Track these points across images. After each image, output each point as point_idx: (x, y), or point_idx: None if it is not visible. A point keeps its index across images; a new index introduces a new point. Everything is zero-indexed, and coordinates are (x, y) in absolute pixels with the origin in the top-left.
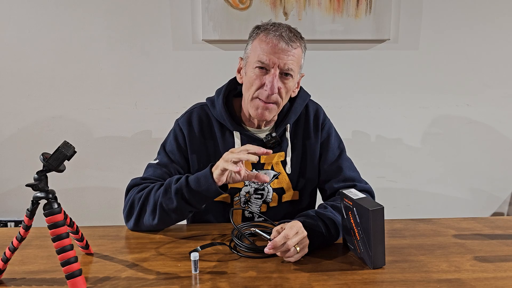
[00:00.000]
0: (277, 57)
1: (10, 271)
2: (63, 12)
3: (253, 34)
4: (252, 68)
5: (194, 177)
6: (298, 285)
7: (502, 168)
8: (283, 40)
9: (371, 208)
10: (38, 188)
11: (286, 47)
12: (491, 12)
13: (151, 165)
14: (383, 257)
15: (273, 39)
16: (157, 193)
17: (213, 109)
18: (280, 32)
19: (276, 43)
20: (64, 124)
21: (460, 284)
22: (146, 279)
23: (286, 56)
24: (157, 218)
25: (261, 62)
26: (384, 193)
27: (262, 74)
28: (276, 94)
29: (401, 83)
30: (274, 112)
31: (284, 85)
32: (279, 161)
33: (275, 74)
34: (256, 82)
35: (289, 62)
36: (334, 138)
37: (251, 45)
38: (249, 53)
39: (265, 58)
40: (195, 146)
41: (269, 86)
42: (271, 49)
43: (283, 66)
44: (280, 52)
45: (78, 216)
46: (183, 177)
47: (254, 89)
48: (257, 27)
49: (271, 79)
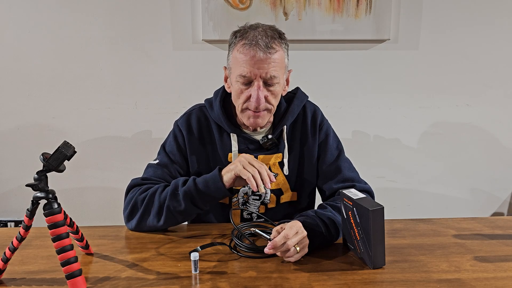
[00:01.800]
0: (257, 67)
1: (10, 271)
2: (63, 12)
3: (231, 43)
4: (235, 81)
5: (202, 179)
6: (298, 285)
7: (502, 168)
8: (260, 49)
9: (371, 208)
10: (38, 188)
11: (265, 56)
12: (491, 12)
13: (151, 166)
14: (383, 257)
15: (250, 51)
16: (162, 195)
17: (211, 111)
18: (256, 40)
19: (253, 54)
20: (64, 124)
21: (460, 284)
22: (146, 279)
23: (266, 65)
24: (162, 220)
25: (243, 76)
26: (384, 193)
27: (246, 87)
28: (264, 103)
29: (401, 83)
30: (267, 117)
31: (270, 92)
32: (276, 162)
33: (259, 85)
34: (242, 96)
35: (270, 70)
36: (333, 139)
37: (231, 55)
38: (230, 64)
39: (246, 71)
40: (194, 147)
41: (254, 99)
42: (250, 61)
43: (265, 76)
44: (260, 62)
45: (78, 216)
46: (190, 180)
47: (241, 101)
48: (234, 34)
49: (256, 92)
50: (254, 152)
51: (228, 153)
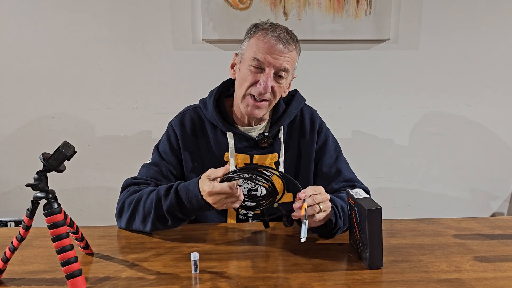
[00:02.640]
0: (273, 57)
1: (10, 271)
2: (63, 12)
3: (251, 32)
4: (247, 65)
5: (184, 195)
6: (298, 285)
7: (501, 168)
8: (281, 41)
9: (367, 208)
10: (38, 188)
11: (283, 48)
12: (491, 12)
13: (145, 165)
14: (380, 258)
15: (270, 40)
16: (147, 204)
17: (205, 111)
18: (278, 33)
19: (273, 43)
20: (64, 124)
21: (460, 284)
22: (146, 279)
23: (282, 57)
24: (148, 228)
25: (257, 60)
26: (384, 193)
27: (257, 72)
28: (269, 93)
29: (401, 83)
30: (265, 110)
31: (277, 84)
32: (272, 162)
33: (270, 74)
34: (250, 78)
35: (284, 63)
36: (331, 142)
37: (247, 42)
38: (244, 50)
39: (261, 56)
40: (188, 146)
41: (263, 84)
42: (268, 49)
43: (279, 67)
44: (277, 53)
45: (78, 216)
46: (172, 195)
47: (247, 85)
48: (255, 26)
49: (266, 78)
50: (250, 150)
51: (224, 152)
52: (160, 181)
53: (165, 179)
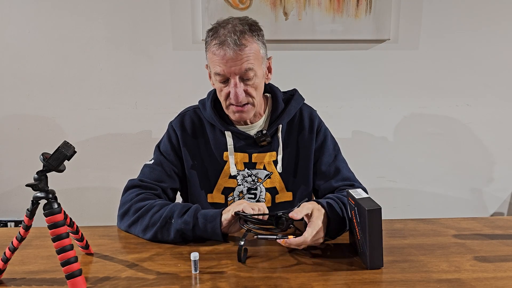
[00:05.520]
0: (230, 66)
1: (10, 271)
2: (63, 12)
3: (206, 42)
4: (215, 79)
5: (202, 222)
6: (298, 285)
7: (502, 168)
8: (229, 47)
9: (367, 208)
10: (38, 188)
11: (235, 54)
12: (491, 12)
13: (147, 166)
14: (380, 258)
15: (220, 50)
16: (155, 218)
17: (204, 111)
18: (225, 38)
19: (223, 53)
20: (64, 124)
21: (460, 284)
22: (146, 279)
23: (239, 61)
24: (148, 237)
25: (218, 74)
26: (384, 193)
27: (225, 85)
28: (244, 97)
29: (401, 83)
30: (252, 110)
31: (249, 86)
32: (271, 161)
33: (235, 82)
34: (222, 93)
35: (243, 66)
36: (330, 141)
37: (207, 54)
38: (209, 63)
39: (220, 69)
40: (188, 146)
41: (232, 96)
42: (221, 60)
43: (240, 71)
44: (231, 61)
45: (78, 216)
46: (190, 220)
47: (223, 99)
48: (208, 31)
49: (233, 89)
50: (248, 148)
51: (223, 151)
52: (165, 182)
53: (169, 179)
